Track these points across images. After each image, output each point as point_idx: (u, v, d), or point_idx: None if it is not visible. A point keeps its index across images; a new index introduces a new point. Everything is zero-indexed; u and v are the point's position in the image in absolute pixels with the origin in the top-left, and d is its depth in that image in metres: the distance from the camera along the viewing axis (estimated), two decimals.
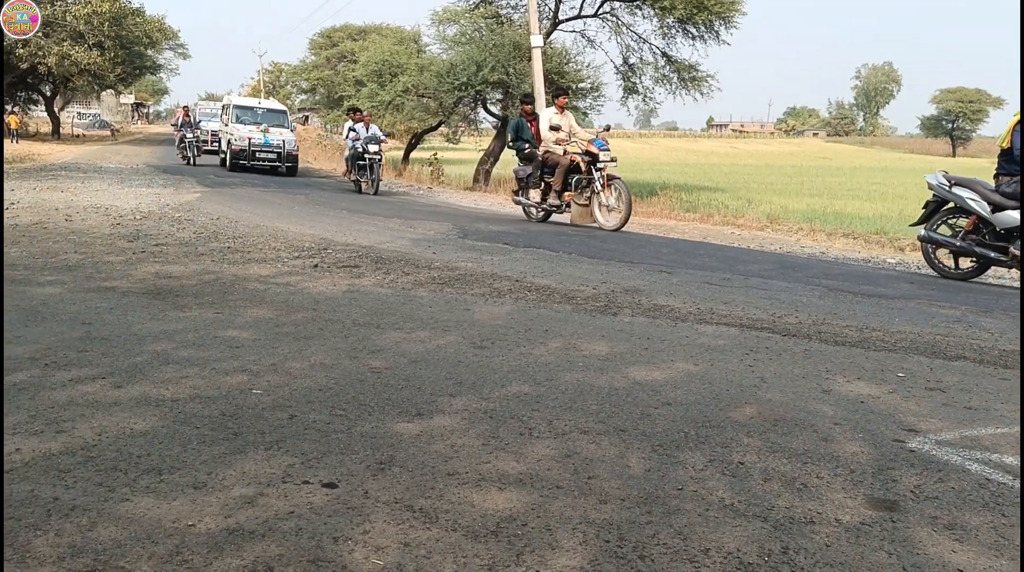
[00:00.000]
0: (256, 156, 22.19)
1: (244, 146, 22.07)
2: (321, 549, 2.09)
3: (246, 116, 23.70)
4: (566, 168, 11.91)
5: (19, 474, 2.42)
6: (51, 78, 38.82)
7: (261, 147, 22.40)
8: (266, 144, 22.43)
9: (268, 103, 26.41)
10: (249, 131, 22.50)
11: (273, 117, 24.21)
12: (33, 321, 4.32)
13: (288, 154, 22.68)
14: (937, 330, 5.46)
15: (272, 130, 22.82)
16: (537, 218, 12.73)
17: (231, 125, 23.14)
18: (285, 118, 24.82)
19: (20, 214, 9.19)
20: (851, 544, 2.29)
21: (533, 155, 12.41)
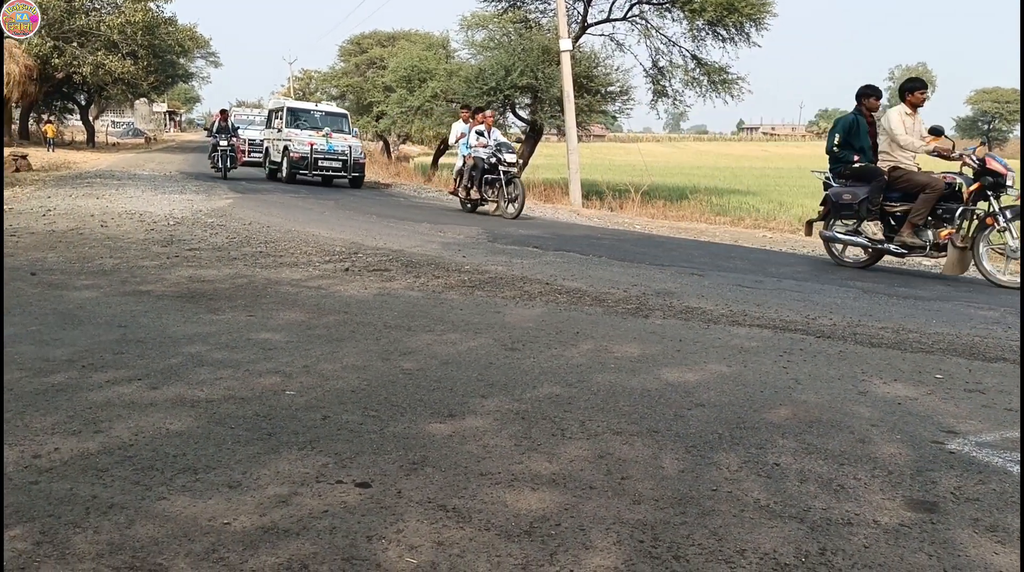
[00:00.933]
0: (319, 165, 19.76)
1: (305, 153, 19.55)
2: (355, 548, 2.09)
3: (303, 120, 21.24)
4: None
5: (58, 473, 2.45)
6: (86, 87, 39.49)
7: (325, 154, 19.88)
8: (330, 151, 19.94)
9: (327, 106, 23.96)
10: (309, 136, 20.00)
11: (333, 121, 21.78)
12: (70, 324, 4.38)
13: (355, 162, 20.14)
14: (975, 331, 5.37)
15: (335, 135, 20.40)
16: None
17: (286, 130, 20.46)
18: (346, 122, 22.37)
19: (57, 220, 9.34)
20: (890, 546, 2.26)
21: None
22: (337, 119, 22.20)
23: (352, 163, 20.14)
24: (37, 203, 11.38)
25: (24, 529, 2.10)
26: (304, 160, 19.65)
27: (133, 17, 32.59)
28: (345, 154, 20.06)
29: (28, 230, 8.30)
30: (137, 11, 32.74)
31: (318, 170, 19.82)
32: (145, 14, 33.33)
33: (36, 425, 2.84)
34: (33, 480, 2.39)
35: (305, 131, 20.35)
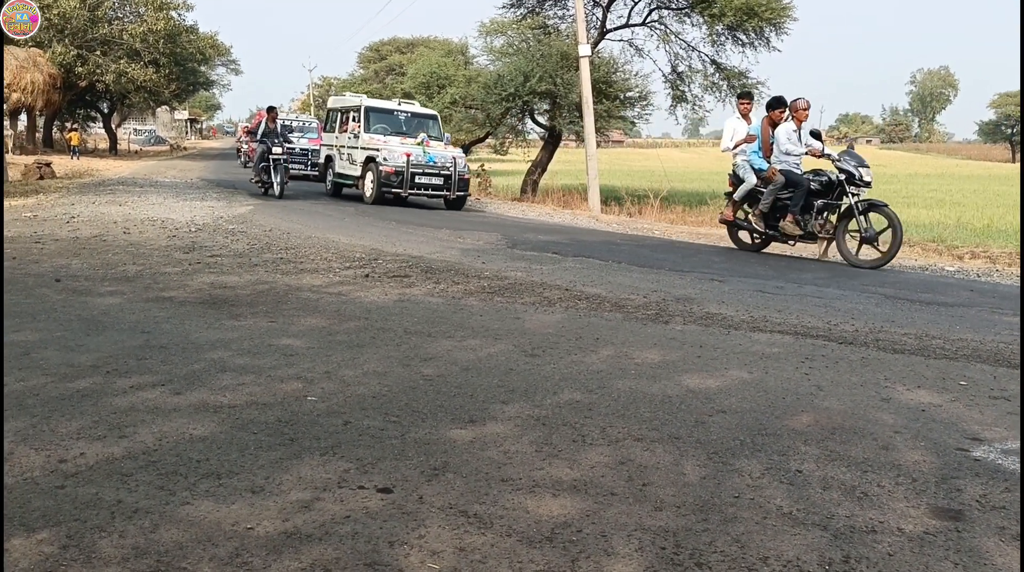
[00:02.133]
0: (416, 182, 15.61)
1: (400, 167, 15.38)
2: (377, 553, 2.10)
3: (384, 123, 17.17)
4: None
5: (84, 477, 2.48)
6: (108, 95, 39.87)
7: (424, 169, 15.71)
8: (430, 163, 15.80)
9: (411, 105, 18.77)
10: (402, 145, 15.90)
11: (419, 124, 17.59)
12: (94, 330, 4.42)
13: (459, 179, 16.08)
14: (1000, 338, 5.32)
15: (431, 143, 16.47)
16: None
17: (366, 136, 16.48)
18: (437, 126, 18.08)
19: (80, 227, 9.44)
20: (915, 554, 2.24)
21: None
22: (425, 122, 17.91)
23: (456, 180, 16.05)
24: (61, 210, 11.49)
25: (51, 533, 2.12)
26: (398, 176, 15.46)
27: (155, 26, 32.89)
28: (448, 168, 15.97)
29: (52, 237, 8.39)
30: (159, 20, 33.03)
31: (415, 188, 15.71)
32: (167, 22, 33.63)
33: (62, 430, 2.87)
34: (59, 484, 2.42)
35: (392, 137, 16.49)
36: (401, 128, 17.22)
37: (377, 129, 16.83)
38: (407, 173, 15.47)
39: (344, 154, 17.46)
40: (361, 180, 16.49)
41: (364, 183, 16.30)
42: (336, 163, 17.81)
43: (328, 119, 19.21)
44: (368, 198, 15.96)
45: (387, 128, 16.99)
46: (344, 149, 17.50)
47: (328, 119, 19.21)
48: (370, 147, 16.25)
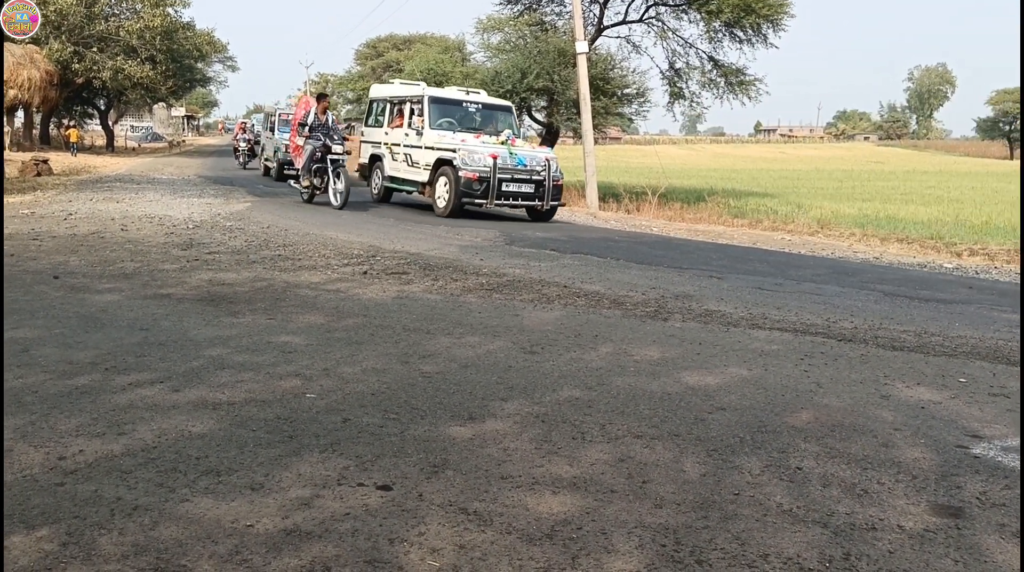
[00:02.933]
0: (503, 190, 12.78)
1: (485, 171, 12.58)
2: (377, 550, 2.10)
3: (449, 117, 14.17)
4: None
5: (83, 475, 2.47)
6: (105, 92, 39.79)
7: (513, 173, 12.90)
8: (520, 166, 12.98)
9: (482, 95, 15.60)
10: (484, 145, 13.06)
11: (492, 118, 14.66)
12: (93, 327, 4.41)
13: (554, 185, 13.25)
14: (999, 335, 5.32)
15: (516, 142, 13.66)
16: None
17: (433, 133, 13.58)
18: (513, 120, 15.08)
19: (78, 224, 9.42)
20: (915, 551, 2.24)
21: None
22: (498, 115, 14.86)
23: (550, 187, 13.19)
24: (59, 207, 11.47)
25: (50, 530, 2.11)
26: (482, 183, 12.61)
27: (152, 22, 32.82)
28: (540, 172, 13.09)
29: (50, 234, 8.37)
30: (156, 16, 32.97)
31: (502, 198, 12.89)
32: (164, 19, 33.56)
33: (61, 427, 2.86)
34: (59, 482, 2.41)
35: (462, 134, 13.73)
36: (472, 123, 14.37)
37: (441, 124, 13.97)
38: (493, 179, 12.63)
39: (399, 154, 14.51)
40: (428, 187, 13.64)
41: (435, 191, 13.43)
42: (386, 164, 14.85)
43: (372, 112, 16.16)
44: (442, 209, 13.19)
45: (452, 123, 14.14)
46: (399, 148, 14.51)
47: (372, 112, 16.16)
48: (442, 147, 13.32)
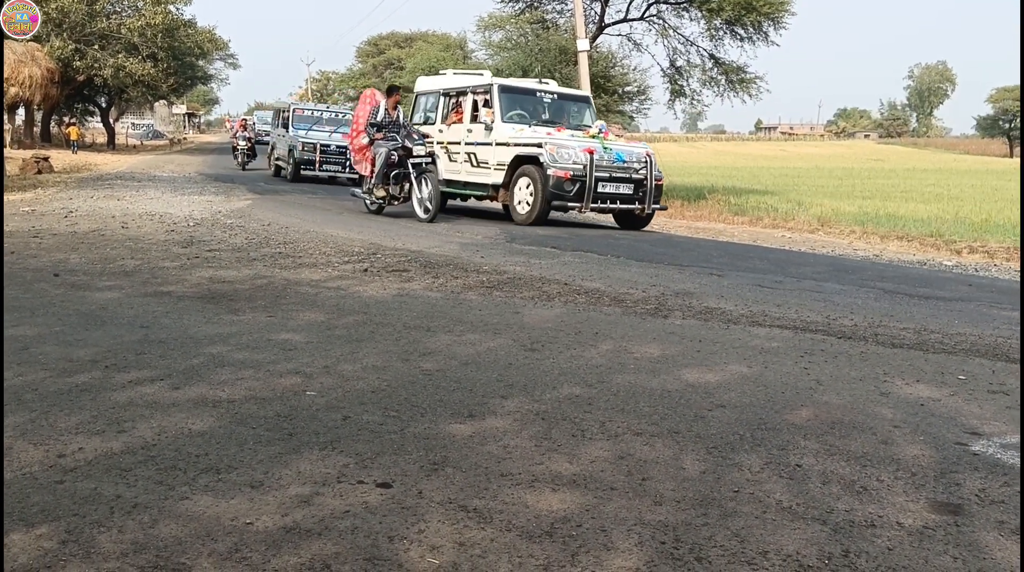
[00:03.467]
0: (600, 190, 11.13)
1: (578, 170, 10.91)
2: (377, 548, 2.10)
3: (520, 109, 12.42)
4: None
5: (82, 472, 2.47)
6: (106, 90, 39.81)
7: (611, 170, 11.24)
8: (619, 163, 11.31)
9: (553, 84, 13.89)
10: (574, 139, 11.39)
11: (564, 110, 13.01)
12: (93, 325, 4.42)
13: (655, 185, 11.56)
14: (999, 332, 5.32)
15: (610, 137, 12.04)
16: None
17: (502, 127, 11.87)
18: (592, 112, 13.41)
19: (79, 222, 9.42)
20: (914, 548, 2.24)
21: None
22: (574, 108, 13.22)
23: (652, 187, 11.49)
24: (59, 205, 11.48)
25: (50, 528, 2.12)
26: (576, 183, 10.90)
27: (153, 20, 32.85)
28: (640, 170, 11.44)
29: (51, 231, 8.38)
30: (157, 14, 33.01)
31: (599, 200, 11.23)
32: (165, 16, 33.59)
33: (61, 425, 2.87)
34: (58, 479, 2.42)
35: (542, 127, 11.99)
36: (551, 115, 12.68)
37: (512, 117, 12.26)
38: (590, 178, 10.84)
39: (459, 154, 12.80)
40: (505, 190, 11.86)
41: (512, 195, 11.70)
42: (441, 167, 12.54)
43: (418, 107, 14.23)
44: (523, 216, 11.44)
45: (524, 115, 12.42)
46: (459, 147, 12.78)
47: (418, 107, 14.23)
48: (523, 142, 11.52)
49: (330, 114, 22.62)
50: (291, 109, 22.19)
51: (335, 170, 20.30)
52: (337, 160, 20.13)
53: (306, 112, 22.60)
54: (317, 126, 21.36)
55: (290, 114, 21.81)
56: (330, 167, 20.32)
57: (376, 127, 11.70)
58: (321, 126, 21.40)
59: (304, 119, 21.78)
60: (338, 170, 20.19)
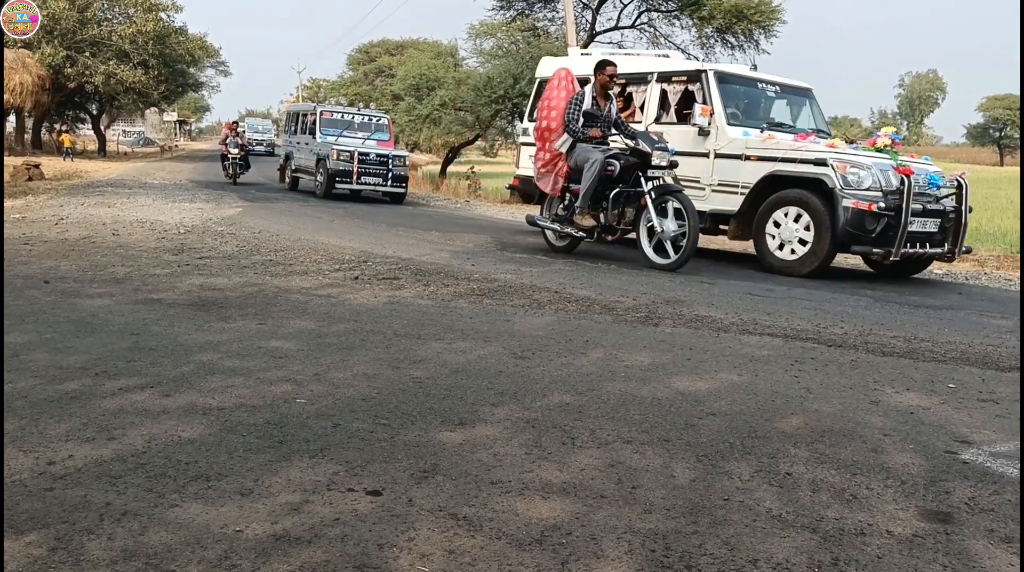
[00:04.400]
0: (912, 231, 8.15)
1: (891, 199, 7.98)
2: (367, 556, 2.10)
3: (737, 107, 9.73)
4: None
5: (72, 480, 2.46)
6: (98, 97, 39.73)
7: (926, 201, 8.38)
8: (932, 189, 8.54)
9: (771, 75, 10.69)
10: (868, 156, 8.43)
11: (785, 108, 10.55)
12: (83, 332, 4.40)
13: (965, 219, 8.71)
14: (988, 341, 5.35)
15: None
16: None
17: (726, 130, 9.20)
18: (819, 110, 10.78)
19: (69, 229, 9.39)
20: (904, 556, 2.25)
21: None
22: (797, 104, 10.68)
23: (964, 223, 8.71)
24: (50, 212, 11.44)
25: (39, 535, 2.11)
26: (880, 219, 7.94)
27: (144, 27, 32.79)
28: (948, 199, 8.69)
29: (41, 238, 8.35)
30: (148, 21, 32.95)
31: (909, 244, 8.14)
32: (156, 24, 33.53)
33: (50, 432, 2.85)
34: (48, 487, 2.40)
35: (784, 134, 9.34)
36: (763, 115, 10.06)
37: (736, 117, 9.54)
38: (906, 213, 7.90)
39: None
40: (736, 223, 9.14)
41: (763, 231, 8.71)
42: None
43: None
44: (795, 264, 8.45)
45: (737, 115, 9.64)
46: None
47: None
48: (782, 155, 8.64)
49: (362, 118, 19.32)
50: (318, 112, 18.93)
51: (375, 182, 17.23)
52: (378, 171, 17.15)
53: (335, 115, 19.35)
54: (348, 131, 18.48)
55: (316, 117, 18.60)
56: (369, 179, 17.12)
57: (592, 121, 8.42)
58: (353, 131, 18.53)
59: (333, 123, 18.73)
60: (379, 182, 17.23)
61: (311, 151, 18.22)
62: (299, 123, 19.87)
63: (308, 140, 18.63)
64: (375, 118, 19.51)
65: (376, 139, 18.30)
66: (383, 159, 17.13)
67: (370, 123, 19.08)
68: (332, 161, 16.86)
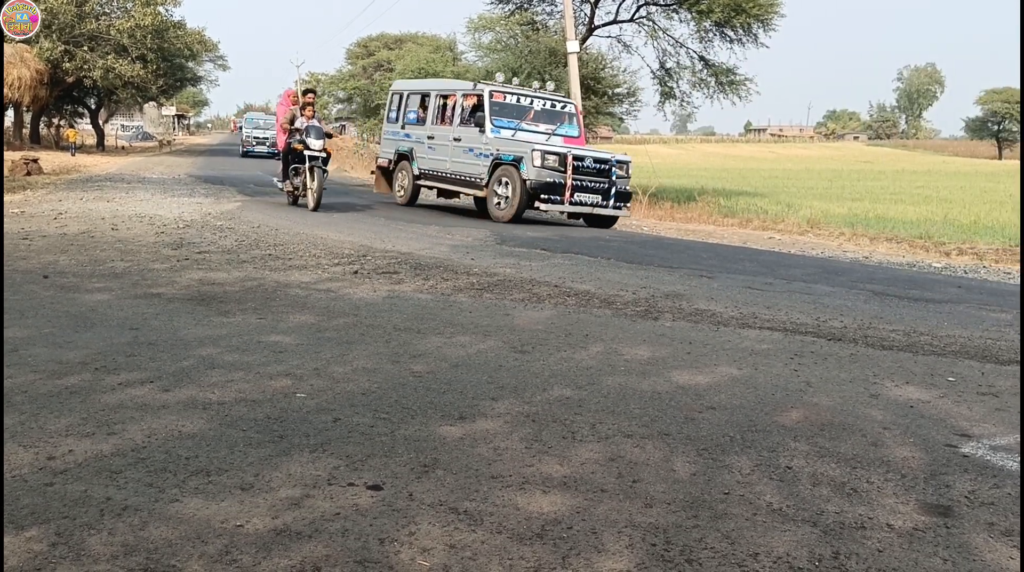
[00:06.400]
0: None
1: None
2: (367, 550, 2.10)
3: None
4: None
5: (72, 475, 2.46)
6: (96, 91, 39.62)
7: None
8: None
9: None
10: None
11: None
12: (83, 327, 4.40)
13: None
14: (988, 334, 5.35)
15: None
16: None
17: None
18: None
19: (68, 224, 9.38)
20: (904, 550, 2.25)
21: None
22: None
23: None
24: (48, 206, 11.42)
25: (40, 530, 2.11)
26: None
27: (143, 21, 32.68)
28: None
29: (40, 233, 8.33)
30: (147, 15, 32.83)
31: None
32: (154, 18, 33.42)
33: (51, 427, 2.85)
34: (48, 482, 2.40)
35: None
36: None
37: None
38: None
39: None
40: None
41: None
42: None
43: None
44: None
45: None
46: None
47: None
48: None
49: (542, 103, 13.35)
50: (485, 93, 12.83)
51: (593, 201, 12.04)
52: (597, 185, 11.95)
53: (508, 99, 13.12)
54: (528, 124, 12.96)
55: (485, 101, 12.71)
56: (585, 197, 11.92)
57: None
58: (534, 124, 13.03)
59: (505, 110, 12.96)
60: (598, 201, 12.03)
61: (473, 152, 12.71)
62: (430, 108, 14.05)
63: (464, 134, 13.00)
64: (559, 104, 13.72)
65: (563, 135, 13.05)
66: (603, 167, 11.96)
67: (555, 112, 13.45)
68: (532, 168, 11.49)
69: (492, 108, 12.66)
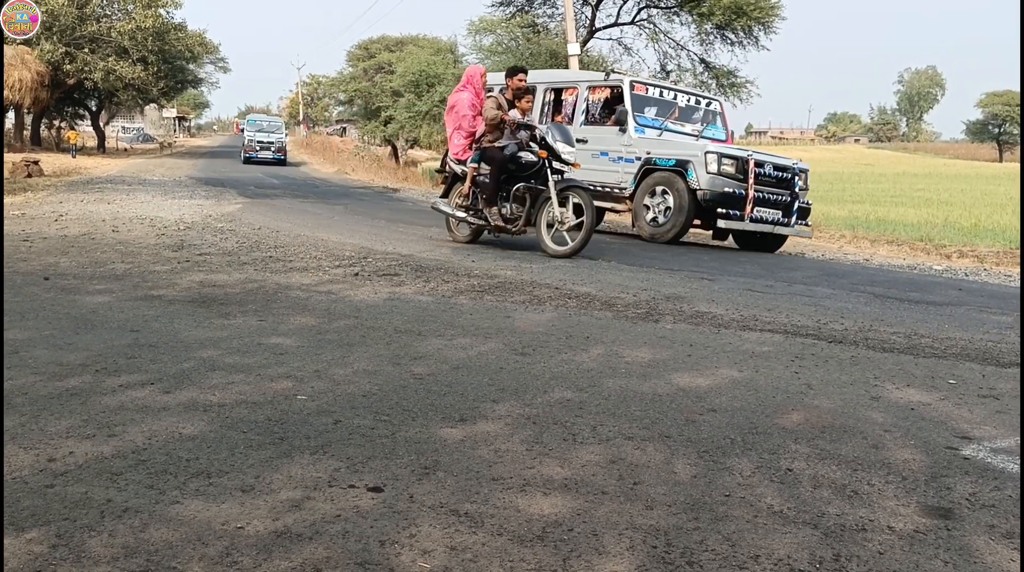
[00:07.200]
0: None
1: None
2: (368, 552, 2.09)
3: None
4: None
5: (73, 476, 2.46)
6: (97, 93, 39.68)
7: None
8: None
9: None
10: None
11: None
12: (83, 329, 4.40)
13: None
14: (989, 337, 5.35)
15: None
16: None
17: None
18: None
19: (69, 225, 9.39)
20: (905, 552, 2.25)
21: None
22: None
23: None
24: (49, 208, 11.43)
25: (40, 532, 2.11)
26: None
27: (144, 23, 32.76)
28: None
29: (41, 235, 8.34)
30: (147, 17, 32.91)
31: None
32: (155, 20, 33.51)
33: (51, 429, 2.85)
34: (48, 483, 2.40)
35: None
36: None
37: None
38: None
39: None
40: None
41: None
42: None
43: None
44: None
45: None
46: None
47: None
48: None
49: (687, 99, 12.19)
50: (626, 85, 11.38)
51: (775, 217, 10.64)
52: (778, 198, 10.60)
53: (651, 92, 11.79)
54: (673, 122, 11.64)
55: (626, 94, 11.24)
56: (766, 212, 10.51)
57: None
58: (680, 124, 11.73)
59: (650, 103, 11.72)
60: (779, 217, 10.66)
61: (608, 156, 11.26)
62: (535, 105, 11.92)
63: (592, 135, 11.45)
64: (704, 100, 12.61)
65: (709, 137, 11.62)
66: (785, 176, 10.53)
67: (699, 109, 12.23)
68: (705, 175, 10.05)
69: (634, 103, 11.14)
